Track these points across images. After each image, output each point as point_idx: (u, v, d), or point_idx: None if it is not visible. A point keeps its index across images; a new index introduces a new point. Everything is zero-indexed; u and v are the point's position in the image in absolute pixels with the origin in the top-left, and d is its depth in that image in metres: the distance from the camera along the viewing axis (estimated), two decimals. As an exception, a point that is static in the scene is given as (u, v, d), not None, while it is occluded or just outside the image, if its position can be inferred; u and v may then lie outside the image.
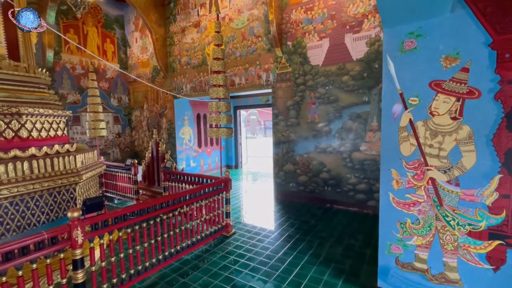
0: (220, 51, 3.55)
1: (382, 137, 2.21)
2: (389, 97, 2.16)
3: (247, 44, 5.88)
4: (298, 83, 5.15)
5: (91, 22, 7.81)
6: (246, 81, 5.96)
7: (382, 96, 2.21)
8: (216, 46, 3.58)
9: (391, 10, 1.95)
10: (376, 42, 4.32)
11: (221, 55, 3.56)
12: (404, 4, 1.86)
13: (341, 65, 4.67)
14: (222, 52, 3.58)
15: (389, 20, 2.06)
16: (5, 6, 2.95)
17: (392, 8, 1.92)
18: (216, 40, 3.56)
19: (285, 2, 5.25)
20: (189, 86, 7.10)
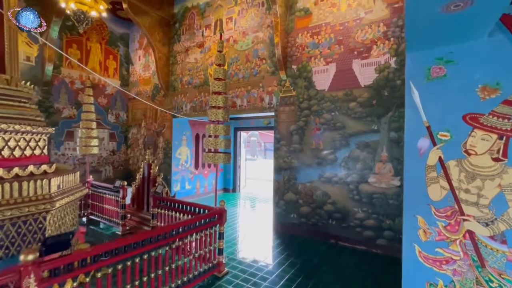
0: (221, 71, 3.33)
1: (406, 176, 1.87)
2: (413, 130, 1.86)
3: (251, 66, 5.73)
4: (302, 107, 4.91)
5: (95, 38, 7.79)
6: (248, 103, 5.74)
7: (405, 128, 1.91)
8: (218, 66, 3.37)
9: (419, 32, 1.70)
10: (385, 69, 4.12)
11: (223, 75, 3.33)
12: (436, 26, 1.61)
13: (348, 91, 4.45)
14: (224, 73, 3.36)
15: (414, 43, 1.81)
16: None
17: (421, 30, 1.67)
18: (218, 59, 3.36)
19: (291, 26, 5.17)
20: (189, 105, 6.89)
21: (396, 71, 4.04)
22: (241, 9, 5.97)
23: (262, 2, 5.62)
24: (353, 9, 4.47)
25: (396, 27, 4.05)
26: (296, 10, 5.12)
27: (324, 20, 4.77)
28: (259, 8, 5.67)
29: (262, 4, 5.63)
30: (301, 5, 5.06)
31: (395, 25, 4.06)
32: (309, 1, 4.96)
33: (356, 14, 4.42)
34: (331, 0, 4.71)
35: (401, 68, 4.00)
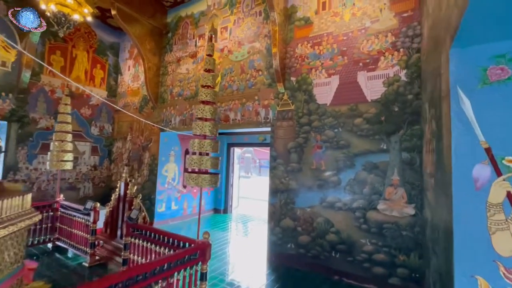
0: (210, 78, 2.85)
1: (455, 217, 1.35)
2: (464, 153, 1.35)
3: (246, 78, 5.31)
4: (302, 123, 4.44)
5: (82, 46, 7.36)
6: (242, 117, 5.25)
7: (452, 149, 1.40)
8: (207, 71, 2.90)
9: (484, 15, 1.23)
10: (395, 82, 3.71)
11: (212, 82, 2.86)
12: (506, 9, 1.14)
13: (353, 105, 4.01)
14: (213, 79, 2.89)
15: (467, 35, 1.35)
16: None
17: (489, 11, 1.20)
18: (208, 64, 2.90)
19: (290, 36, 4.81)
20: (178, 118, 6.37)
21: (407, 85, 3.63)
22: (237, 19, 5.64)
23: (260, 11, 5.31)
24: (357, 18, 4.13)
25: (406, 37, 3.69)
26: (295, 19, 4.79)
27: (326, 30, 4.42)
28: (256, 18, 5.34)
29: (259, 14, 5.31)
30: (301, 14, 4.73)
31: (404, 35, 3.71)
32: (310, 10, 4.64)
33: (361, 24, 4.08)
34: (334, 9, 4.38)
35: (412, 81, 3.59)
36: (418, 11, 3.64)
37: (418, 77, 3.54)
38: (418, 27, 3.60)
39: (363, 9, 4.10)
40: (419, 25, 3.60)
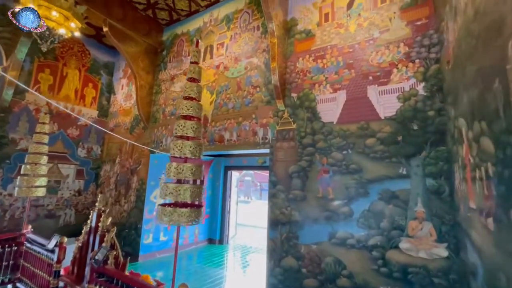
0: (194, 89, 2.37)
1: None
2: None
3: (243, 95, 4.87)
4: (305, 143, 3.90)
5: (74, 64, 7.07)
6: (238, 137, 4.73)
7: None
8: (191, 81, 2.42)
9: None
10: (411, 97, 3.22)
11: (196, 94, 2.37)
12: None
13: (363, 124, 3.49)
14: (198, 91, 2.40)
15: None
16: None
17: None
18: (192, 72, 2.43)
19: (290, 49, 4.43)
20: (170, 139, 5.87)
21: (426, 99, 3.13)
22: (234, 34, 5.34)
23: (257, 25, 5.00)
24: (364, 29, 3.75)
25: (421, 46, 3.26)
26: (296, 32, 4.44)
27: (329, 42, 4.04)
28: (254, 32, 5.02)
29: (257, 28, 5.00)
30: (302, 27, 4.39)
31: (419, 44, 3.28)
32: (311, 23, 4.30)
33: (369, 34, 3.69)
34: (337, 21, 4.03)
35: (432, 95, 3.10)
36: (434, 18, 3.24)
37: (439, 91, 3.05)
38: (435, 36, 3.18)
39: (370, 19, 3.73)
40: (436, 33, 3.18)
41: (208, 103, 5.34)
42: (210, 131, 5.15)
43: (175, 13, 6.24)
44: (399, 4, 3.53)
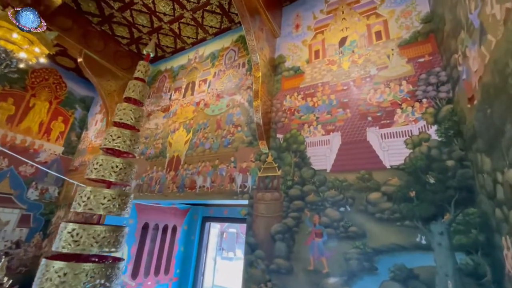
0: (130, 112, 1.68)
1: None
2: None
3: (222, 134, 4.21)
4: (292, 195, 3.11)
5: (44, 96, 6.49)
6: (212, 184, 3.91)
7: None
8: (128, 101, 1.75)
9: None
10: (423, 142, 2.60)
11: (133, 120, 1.68)
12: None
13: (364, 173, 2.78)
14: (137, 116, 1.72)
15: None
16: None
17: None
18: (131, 91, 1.77)
19: (276, 87, 3.96)
20: (134, 183, 4.98)
21: (442, 146, 2.50)
22: (218, 71, 4.95)
23: (243, 62, 4.64)
24: (359, 66, 3.33)
25: (428, 85, 2.77)
26: (283, 69, 4.03)
27: (320, 80, 3.58)
28: (239, 69, 4.63)
29: (242, 65, 4.63)
30: (290, 64, 4.00)
31: (425, 82, 2.80)
32: (300, 60, 3.92)
33: (365, 71, 3.25)
34: (329, 58, 3.65)
35: (449, 141, 2.48)
36: (438, 55, 2.83)
37: (457, 135, 2.45)
38: (443, 73, 2.72)
39: (365, 56, 3.34)
40: (443, 71, 2.73)
41: (183, 142, 4.64)
42: (181, 174, 4.33)
43: (160, 49, 5.97)
44: (397, 42, 3.17)
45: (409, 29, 3.14)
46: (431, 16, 3.03)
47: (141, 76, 1.85)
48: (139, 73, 1.85)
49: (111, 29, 5.42)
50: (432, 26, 2.99)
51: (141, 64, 1.92)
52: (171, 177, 4.42)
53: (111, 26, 5.34)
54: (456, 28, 2.24)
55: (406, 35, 3.14)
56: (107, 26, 5.36)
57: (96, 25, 5.32)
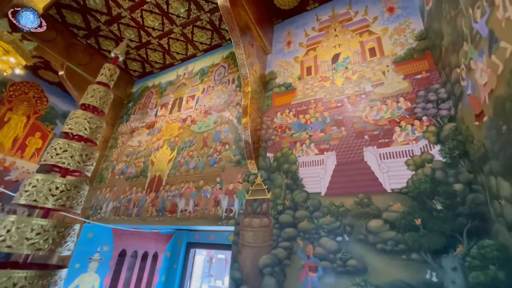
0: (86, 121, 1.39)
1: None
2: None
3: (208, 153, 3.91)
4: (283, 222, 2.77)
5: (22, 110, 6.11)
6: (195, 207, 3.53)
7: None
8: (87, 109, 1.46)
9: None
10: (426, 164, 2.36)
11: (88, 132, 1.38)
12: None
13: (363, 197, 2.50)
14: (94, 127, 1.42)
15: None
16: None
17: None
18: (90, 96, 1.50)
19: (267, 103, 3.75)
20: (111, 205, 4.53)
21: (447, 167, 2.27)
22: (207, 87, 4.75)
23: (233, 79, 4.47)
24: (353, 82, 3.17)
25: (427, 102, 2.60)
26: (274, 86, 3.86)
27: (313, 96, 3.39)
28: (228, 85, 4.45)
29: (232, 81, 4.45)
30: (281, 81, 3.83)
31: (424, 99, 2.63)
32: (292, 76, 3.77)
33: (359, 88, 3.08)
34: (321, 74, 3.50)
35: (454, 162, 2.25)
36: (436, 72, 2.69)
37: (463, 156, 2.23)
38: (443, 90, 2.57)
39: (359, 73, 3.19)
40: (443, 88, 2.57)
41: (166, 161, 4.30)
42: (161, 196, 3.94)
43: (148, 65, 5.80)
44: (392, 58, 3.05)
45: (404, 46, 3.04)
46: (425, 33, 2.95)
47: (105, 81, 1.59)
48: (102, 77, 1.59)
49: (97, 43, 5.24)
50: (427, 43, 2.89)
51: (106, 67, 1.66)
52: (151, 199, 4.03)
53: (97, 40, 5.16)
54: (457, 41, 2.10)
55: (401, 52, 3.02)
56: (93, 40, 5.18)
57: (82, 38, 5.13)
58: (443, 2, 2.28)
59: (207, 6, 4.29)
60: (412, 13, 3.19)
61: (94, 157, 1.34)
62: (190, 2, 4.24)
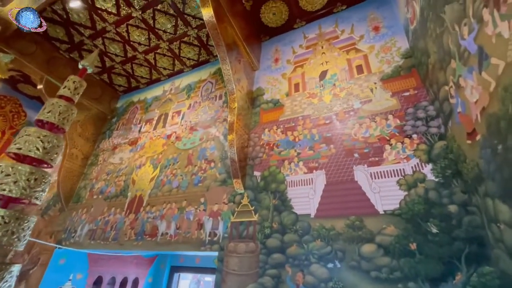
0: (39, 140, 1.22)
1: None
2: None
3: (192, 171, 3.72)
4: (270, 247, 2.57)
5: (-3, 125, 5.79)
6: (177, 230, 3.28)
7: None
8: (43, 126, 1.29)
9: None
10: (418, 183, 2.26)
11: (40, 152, 1.20)
12: None
13: (354, 219, 2.35)
14: (49, 146, 1.25)
15: None
16: None
17: None
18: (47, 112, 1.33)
19: (254, 120, 3.65)
20: (86, 228, 4.18)
21: (440, 187, 2.17)
22: (194, 103, 4.63)
23: (220, 95, 4.37)
24: (341, 99, 3.12)
25: (417, 119, 2.55)
26: (262, 102, 3.77)
27: (301, 113, 3.31)
28: (215, 101, 4.34)
29: (219, 97, 4.35)
30: (269, 97, 3.76)
31: (413, 117, 2.58)
32: (279, 93, 3.70)
33: (348, 105, 3.03)
34: (309, 91, 3.45)
35: (447, 182, 2.16)
36: (424, 89, 2.67)
37: (456, 176, 2.14)
38: (431, 107, 2.53)
39: (347, 89, 3.15)
40: (431, 105, 2.54)
41: (148, 179, 4.06)
42: (141, 218, 3.66)
43: (134, 80, 5.66)
44: (379, 75, 3.04)
45: (391, 64, 3.04)
46: (411, 52, 2.96)
47: (67, 94, 1.43)
48: (65, 90, 1.43)
49: (80, 57, 5.09)
50: (413, 61, 2.89)
51: (70, 79, 1.51)
52: (130, 221, 3.74)
53: (80, 54, 5.01)
54: (443, 58, 2.08)
55: (388, 69, 3.02)
56: (77, 54, 5.02)
57: (64, 51, 4.98)
58: (428, 21, 2.28)
59: (194, 22, 4.26)
60: (397, 32, 3.23)
61: (46, 182, 1.15)
62: (177, 18, 4.20)
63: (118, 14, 4.17)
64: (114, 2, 4.00)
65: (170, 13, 4.12)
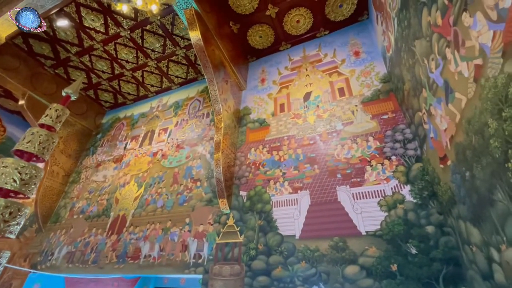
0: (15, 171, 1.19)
1: None
2: None
3: (178, 190, 3.68)
4: (256, 269, 2.55)
5: (-28, 141, 5.54)
6: (160, 252, 3.19)
7: None
8: (22, 156, 1.27)
9: None
10: (398, 204, 2.34)
11: (18, 184, 1.18)
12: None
13: (338, 240, 2.38)
14: (27, 177, 1.22)
15: None
16: None
17: None
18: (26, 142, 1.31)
19: (241, 139, 3.69)
20: (65, 250, 3.99)
21: (418, 208, 2.26)
22: (181, 120, 4.65)
23: (207, 113, 4.42)
24: (325, 120, 3.23)
25: (395, 141, 2.67)
26: (248, 121, 3.84)
27: (286, 133, 3.40)
28: (203, 119, 4.37)
29: (206, 115, 4.39)
30: (255, 116, 3.84)
31: (392, 139, 2.70)
32: (265, 112, 3.79)
33: (331, 126, 3.14)
34: (294, 111, 3.55)
35: (425, 203, 2.25)
36: (401, 112, 2.82)
37: (432, 197, 2.24)
38: (408, 130, 2.66)
39: (330, 111, 3.28)
40: (408, 128, 2.67)
41: (132, 198, 3.97)
42: (124, 239, 3.55)
43: (120, 96, 5.63)
44: (360, 98, 3.19)
45: (370, 87, 3.20)
46: (388, 77, 3.14)
47: (49, 123, 1.42)
48: (47, 119, 1.41)
49: (66, 73, 5.04)
50: (391, 85, 3.06)
51: (53, 108, 1.50)
52: (111, 243, 3.61)
53: (66, 70, 4.97)
54: (416, 87, 2.22)
55: (368, 93, 3.17)
56: (62, 70, 4.97)
57: (49, 67, 4.91)
58: (402, 51, 2.45)
59: (182, 42, 4.35)
60: (376, 58, 3.42)
61: (22, 214, 1.12)
62: (166, 38, 4.28)
63: (107, 33, 4.21)
64: (102, 21, 4.04)
65: (159, 33, 4.20)
